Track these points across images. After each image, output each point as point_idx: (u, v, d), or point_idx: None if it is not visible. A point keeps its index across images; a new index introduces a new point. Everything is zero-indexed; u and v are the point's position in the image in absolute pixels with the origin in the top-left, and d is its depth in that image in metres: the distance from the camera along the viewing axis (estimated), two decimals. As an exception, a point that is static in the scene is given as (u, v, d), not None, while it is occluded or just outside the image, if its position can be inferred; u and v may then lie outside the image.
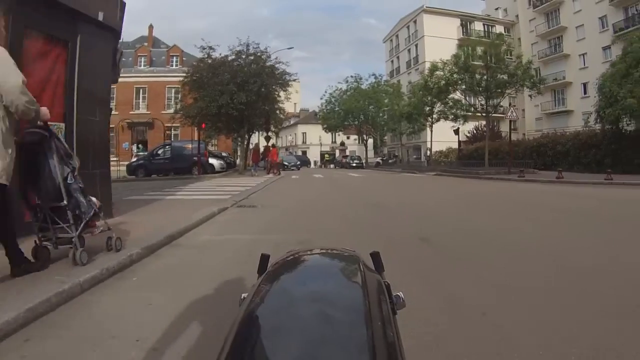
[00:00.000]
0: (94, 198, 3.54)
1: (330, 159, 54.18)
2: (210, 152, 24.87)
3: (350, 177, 21.52)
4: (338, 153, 55.55)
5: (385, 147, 53.90)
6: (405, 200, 9.44)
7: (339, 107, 42.90)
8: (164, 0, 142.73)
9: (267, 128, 24.60)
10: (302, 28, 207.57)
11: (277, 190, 12.65)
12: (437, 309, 2.60)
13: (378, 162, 46.17)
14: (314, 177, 21.79)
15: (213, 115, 22.17)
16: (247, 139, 26.24)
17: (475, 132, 34.56)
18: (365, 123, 42.01)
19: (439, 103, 26.12)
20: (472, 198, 9.92)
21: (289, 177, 21.25)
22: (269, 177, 19.51)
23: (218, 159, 23.93)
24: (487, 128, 25.99)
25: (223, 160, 24.58)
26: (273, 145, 24.31)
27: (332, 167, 47.13)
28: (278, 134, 41.38)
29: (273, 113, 25.32)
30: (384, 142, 52.63)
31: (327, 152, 58.35)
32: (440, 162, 33.14)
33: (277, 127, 29.52)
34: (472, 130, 34.52)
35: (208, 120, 23.11)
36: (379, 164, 43.96)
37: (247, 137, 25.98)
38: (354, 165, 39.44)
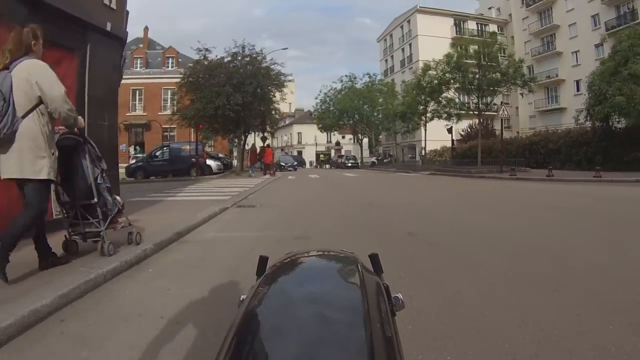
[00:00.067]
0: (118, 197, 3.89)
1: (326, 159, 54.00)
2: (208, 153, 25.04)
3: (346, 177, 21.79)
4: (333, 153, 55.56)
5: (381, 146, 54.10)
6: (400, 200, 9.59)
7: (334, 106, 42.92)
8: (161, 1, 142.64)
9: (263, 129, 24.87)
10: (297, 28, 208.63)
11: (274, 191, 12.88)
12: (435, 308, 2.62)
13: (373, 161, 46.39)
14: (310, 177, 22.03)
15: (210, 117, 22.37)
16: (243, 140, 26.49)
17: (469, 130, 34.75)
18: (360, 122, 42.14)
19: (433, 102, 26.25)
20: (465, 197, 10.04)
21: (285, 177, 21.48)
22: (266, 178, 19.74)
23: (215, 161, 24.13)
24: (479, 126, 26.29)
25: (220, 162, 24.80)
26: (268, 146, 24.55)
27: (327, 167, 47.23)
28: (274, 135, 41.67)
29: (269, 114, 25.59)
30: (379, 141, 52.70)
31: (322, 152, 58.21)
32: (435, 161, 33.17)
33: (273, 127, 29.78)
34: (466, 129, 34.74)
35: (205, 122, 23.34)
36: (374, 164, 44.24)
37: (243, 137, 26.22)
38: (350, 165, 39.82)
